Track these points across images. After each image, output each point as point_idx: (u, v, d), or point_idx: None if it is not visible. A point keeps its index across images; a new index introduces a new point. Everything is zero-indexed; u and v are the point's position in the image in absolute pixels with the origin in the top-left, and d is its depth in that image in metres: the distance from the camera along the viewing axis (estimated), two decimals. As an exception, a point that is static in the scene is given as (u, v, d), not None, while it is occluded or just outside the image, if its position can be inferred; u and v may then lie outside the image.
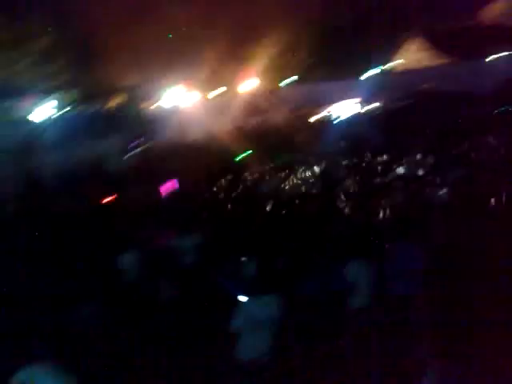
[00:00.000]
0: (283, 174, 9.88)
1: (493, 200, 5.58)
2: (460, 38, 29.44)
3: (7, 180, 9.27)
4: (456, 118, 12.04)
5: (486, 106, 12.21)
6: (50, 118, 16.82)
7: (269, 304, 3.96)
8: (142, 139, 13.87)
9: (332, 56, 27.33)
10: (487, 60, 21.17)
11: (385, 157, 9.80)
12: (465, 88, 15.58)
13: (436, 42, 29.46)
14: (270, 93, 18.82)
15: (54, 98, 21.29)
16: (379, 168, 9.04)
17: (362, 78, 22.27)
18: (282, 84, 24.72)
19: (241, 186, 8.98)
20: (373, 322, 4.20)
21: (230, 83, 25.08)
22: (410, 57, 31.69)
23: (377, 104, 18.55)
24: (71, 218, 6.66)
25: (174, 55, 21.41)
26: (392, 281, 4.35)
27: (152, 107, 21.37)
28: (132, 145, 13.21)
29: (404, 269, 4.35)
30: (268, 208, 7.21)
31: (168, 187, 7.68)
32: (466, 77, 16.60)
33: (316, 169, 10.08)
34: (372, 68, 24.05)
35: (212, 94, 22.85)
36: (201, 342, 4.19)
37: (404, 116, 15.17)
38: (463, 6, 33.28)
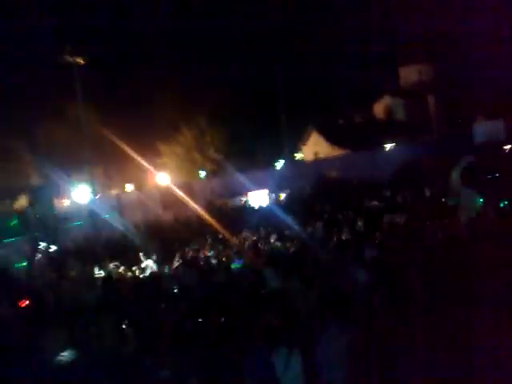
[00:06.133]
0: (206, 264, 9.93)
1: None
2: (352, 132, 32.90)
3: None
4: (357, 204, 13.05)
5: (381, 192, 13.38)
6: None
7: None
8: (48, 241, 13.04)
9: (241, 150, 28.95)
10: (378, 151, 23.58)
11: (295, 241, 10.40)
12: (362, 176, 17.02)
13: (331, 135, 32.57)
14: (186, 185, 19.17)
15: None
16: (294, 252, 9.44)
17: (270, 168, 23.63)
18: (198, 177, 25.39)
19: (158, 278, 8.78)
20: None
21: (142, 179, 25.15)
22: (310, 149, 34.37)
23: (286, 192, 19.54)
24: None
25: (81, 155, 21.20)
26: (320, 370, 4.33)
27: (58, 206, 20.49)
28: (36, 247, 12.36)
29: (331, 358, 4.33)
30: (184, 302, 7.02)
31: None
32: (362, 166, 18.27)
33: (235, 256, 10.22)
34: (278, 160, 25.76)
35: (124, 190, 22.62)
36: None
37: (311, 201, 16.05)
38: (353, 102, 37.54)
